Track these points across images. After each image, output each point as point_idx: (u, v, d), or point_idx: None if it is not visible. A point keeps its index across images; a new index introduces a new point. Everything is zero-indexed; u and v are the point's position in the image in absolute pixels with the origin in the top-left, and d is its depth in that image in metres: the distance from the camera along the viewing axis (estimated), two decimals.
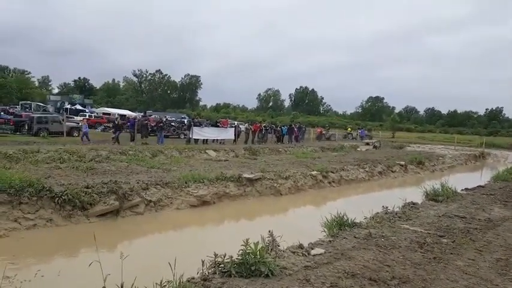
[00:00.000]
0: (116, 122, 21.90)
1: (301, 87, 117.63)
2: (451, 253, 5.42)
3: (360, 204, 9.12)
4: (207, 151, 19.09)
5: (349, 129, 49.68)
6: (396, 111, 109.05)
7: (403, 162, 20.18)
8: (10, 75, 77.97)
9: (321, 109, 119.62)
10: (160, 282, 3.53)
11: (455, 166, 25.83)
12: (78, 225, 7.99)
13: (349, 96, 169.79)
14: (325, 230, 6.53)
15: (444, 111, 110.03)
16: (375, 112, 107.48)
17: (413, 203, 9.44)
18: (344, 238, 5.81)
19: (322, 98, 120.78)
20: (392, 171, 18.84)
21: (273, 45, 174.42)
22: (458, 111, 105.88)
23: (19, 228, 7.47)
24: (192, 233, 8.84)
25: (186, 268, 4.01)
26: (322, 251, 5.00)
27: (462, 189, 12.38)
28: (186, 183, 10.52)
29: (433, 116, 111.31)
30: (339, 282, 3.98)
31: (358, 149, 29.41)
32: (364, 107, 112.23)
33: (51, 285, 4.80)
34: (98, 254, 3.30)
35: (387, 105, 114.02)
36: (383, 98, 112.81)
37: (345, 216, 6.76)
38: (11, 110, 34.11)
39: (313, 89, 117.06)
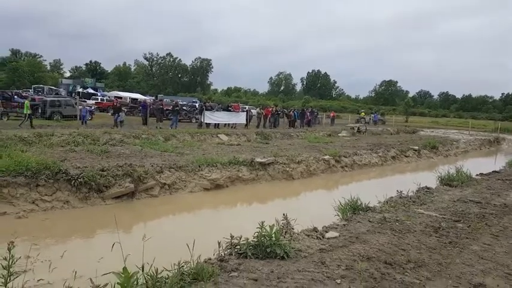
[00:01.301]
0: (115, 104, 21.80)
1: (313, 70, 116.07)
2: (467, 238, 5.39)
3: (373, 189, 9.10)
4: (218, 135, 19.13)
5: (363, 113, 49.12)
6: (410, 95, 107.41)
7: (416, 147, 19.98)
8: (22, 58, 78.45)
9: (334, 93, 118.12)
10: (178, 263, 3.59)
11: (470, 151, 25.48)
12: (94, 207, 8.15)
13: (362, 80, 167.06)
14: (339, 213, 6.55)
15: (458, 96, 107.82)
16: (388, 96, 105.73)
17: (428, 188, 9.39)
18: (358, 222, 5.82)
19: (335, 82, 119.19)
20: (405, 156, 18.67)
21: (286, 29, 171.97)
22: (473, 96, 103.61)
23: (37, 210, 7.65)
24: (206, 215, 8.95)
25: (201, 249, 4.07)
26: (336, 234, 5.02)
27: (477, 175, 12.25)
28: (199, 166, 10.60)
29: (447, 100, 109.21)
30: (354, 265, 4.00)
31: (340, 135, 25.16)
32: (377, 91, 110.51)
33: (71, 265, 4.90)
34: (118, 235, 3.37)
35: (401, 90, 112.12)
36: (396, 82, 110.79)
37: (358, 201, 6.75)
38: (24, 94, 34.50)
39: (325, 73, 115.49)
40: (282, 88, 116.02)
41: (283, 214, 5.18)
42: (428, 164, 18.72)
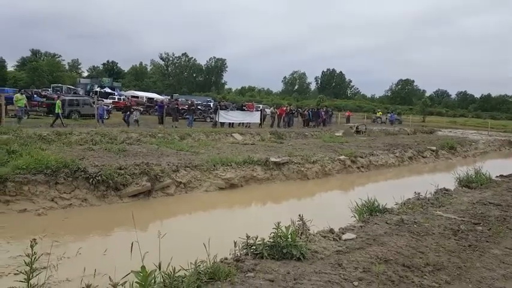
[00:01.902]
0: (126, 103, 22.02)
1: (328, 69, 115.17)
2: (487, 241, 5.27)
3: (390, 190, 8.99)
4: (233, 134, 19.20)
5: (379, 113, 48.56)
6: (427, 94, 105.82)
7: (434, 148, 19.64)
8: (42, 58, 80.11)
9: (349, 92, 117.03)
10: (195, 262, 3.61)
11: (489, 152, 24.92)
12: (111, 205, 8.27)
13: (378, 79, 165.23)
14: (355, 215, 6.48)
15: (477, 95, 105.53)
16: (404, 95, 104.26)
17: (446, 190, 9.22)
18: (375, 224, 5.75)
19: (350, 81, 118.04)
20: (423, 157, 18.38)
21: (300, 28, 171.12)
22: (492, 95, 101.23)
23: (56, 208, 7.81)
24: (221, 214, 8.99)
25: (217, 249, 4.08)
26: (353, 236, 4.97)
27: (497, 176, 11.97)
28: (214, 166, 10.65)
29: (465, 99, 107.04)
30: (371, 268, 3.96)
31: (337, 134, 23.28)
32: (393, 90, 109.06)
33: (89, 263, 4.99)
34: (136, 233, 3.41)
35: (417, 89, 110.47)
36: (413, 81, 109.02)
37: (375, 202, 6.67)
38: (43, 93, 35.21)
39: (340, 72, 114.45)
40: (296, 87, 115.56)
41: (299, 215, 5.15)
42: (446, 165, 18.39)
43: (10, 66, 77.95)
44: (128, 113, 20.57)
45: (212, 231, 6.49)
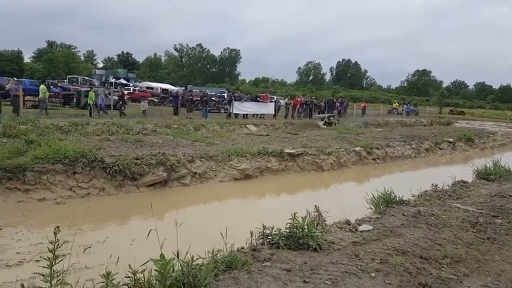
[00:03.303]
0: (120, 94, 22.08)
1: (343, 59, 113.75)
2: (506, 234, 5.17)
3: (407, 182, 8.88)
4: (247, 126, 19.21)
5: (395, 104, 47.80)
6: (444, 85, 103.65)
7: (451, 139, 19.31)
8: (57, 50, 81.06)
9: (364, 83, 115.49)
10: (212, 251, 3.64)
11: (507, 144, 24.35)
12: (129, 195, 8.40)
13: (394, 69, 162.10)
14: (372, 206, 6.43)
15: (496, 86, 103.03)
16: (421, 86, 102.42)
17: (464, 182, 9.07)
18: (392, 215, 5.70)
19: (366, 71, 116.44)
20: (440, 149, 18.11)
21: (315, 18, 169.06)
22: None
23: (74, 197, 7.95)
24: (236, 204, 9.05)
25: (232, 238, 4.10)
26: (370, 227, 4.94)
27: None
28: (229, 156, 10.69)
29: (483, 90, 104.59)
30: (388, 259, 3.93)
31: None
32: (410, 81, 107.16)
33: (108, 250, 5.10)
34: (154, 222, 3.45)
35: (434, 79, 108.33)
36: (430, 72, 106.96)
37: (392, 194, 6.60)
38: (59, 84, 35.76)
39: (356, 62, 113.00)
40: (310, 78, 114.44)
41: (315, 206, 5.14)
42: (464, 156, 18.07)
43: (27, 58, 79.20)
44: (121, 102, 20.75)
45: (228, 221, 6.54)
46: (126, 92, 36.77)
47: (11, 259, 5.07)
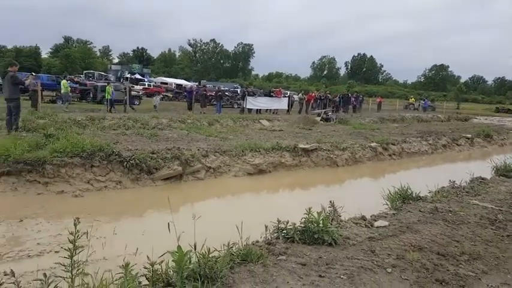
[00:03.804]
0: (127, 89, 22.24)
1: (358, 54, 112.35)
2: None
3: (423, 178, 8.77)
4: (260, 121, 19.21)
5: (412, 99, 47.05)
6: (462, 80, 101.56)
7: (469, 135, 18.93)
8: (74, 45, 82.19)
9: (380, 78, 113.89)
10: (228, 244, 3.66)
11: None
12: (145, 188, 8.50)
13: (411, 64, 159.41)
14: (387, 202, 6.36)
15: None
16: (438, 81, 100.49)
17: (482, 178, 8.89)
18: (408, 211, 5.64)
19: (382, 66, 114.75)
20: (457, 145, 17.79)
21: (330, 12, 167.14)
22: None
23: (91, 190, 8.09)
24: (250, 199, 9.07)
25: (247, 232, 4.12)
26: (386, 223, 4.90)
27: None
28: (242, 151, 10.71)
29: (502, 86, 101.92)
30: (405, 255, 3.90)
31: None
32: (427, 75, 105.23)
33: (124, 242, 5.19)
34: (171, 215, 3.49)
35: (452, 74, 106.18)
36: (448, 67, 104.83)
37: (408, 190, 6.53)
38: (75, 79, 36.32)
39: (371, 56, 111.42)
40: (325, 73, 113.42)
41: (330, 201, 5.12)
42: (482, 153, 17.70)
43: (44, 53, 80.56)
44: (130, 97, 21.20)
45: (242, 215, 6.57)
46: (141, 87, 37.32)
47: (32, 250, 5.20)
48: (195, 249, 3.23)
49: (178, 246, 3.03)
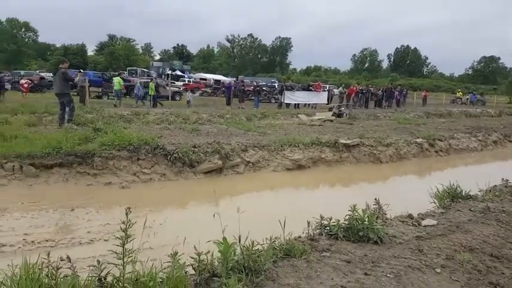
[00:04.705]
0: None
1: (402, 46, 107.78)
2: None
3: (473, 176, 8.32)
4: (299, 115, 19.04)
5: (459, 93, 44.73)
6: None
7: None
8: (117, 43, 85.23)
9: (425, 70, 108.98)
10: (270, 238, 3.67)
11: None
12: (187, 181, 8.74)
13: (458, 56, 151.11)
14: (435, 201, 6.11)
15: None
16: (488, 74, 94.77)
17: None
18: (458, 210, 5.38)
19: (426, 58, 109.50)
20: (509, 141, 16.80)
21: (371, 2, 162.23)
22: None
23: (137, 181, 8.42)
24: (290, 194, 9.04)
25: (288, 227, 4.09)
26: (434, 222, 4.71)
27: None
28: (281, 146, 10.69)
29: None
30: (455, 256, 3.73)
31: (316, 117, 18.54)
32: (475, 68, 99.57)
33: (170, 232, 5.37)
34: (216, 208, 3.55)
35: (503, 67, 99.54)
36: (499, 58, 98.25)
37: (457, 188, 6.23)
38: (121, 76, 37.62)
39: (415, 48, 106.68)
40: (366, 65, 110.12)
41: (375, 198, 4.99)
42: None
43: (90, 51, 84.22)
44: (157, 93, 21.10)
45: (282, 210, 6.57)
46: (181, 83, 38.14)
47: (83, 237, 5.48)
48: (239, 242, 3.27)
49: (224, 238, 3.08)
